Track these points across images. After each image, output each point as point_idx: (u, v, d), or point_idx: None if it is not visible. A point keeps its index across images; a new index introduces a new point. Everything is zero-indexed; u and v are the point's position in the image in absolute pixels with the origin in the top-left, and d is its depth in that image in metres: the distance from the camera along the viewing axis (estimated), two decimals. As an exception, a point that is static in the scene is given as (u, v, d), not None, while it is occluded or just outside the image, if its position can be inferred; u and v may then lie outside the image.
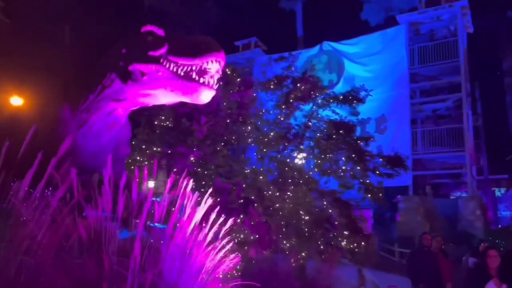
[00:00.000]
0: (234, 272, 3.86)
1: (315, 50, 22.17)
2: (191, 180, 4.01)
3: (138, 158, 8.17)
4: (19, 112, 6.47)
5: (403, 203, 16.86)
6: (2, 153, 3.95)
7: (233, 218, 4.04)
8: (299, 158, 7.90)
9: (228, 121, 7.52)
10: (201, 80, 4.55)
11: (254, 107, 8.00)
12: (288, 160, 7.72)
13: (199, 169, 7.06)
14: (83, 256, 3.65)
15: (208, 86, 4.56)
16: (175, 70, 4.60)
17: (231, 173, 7.79)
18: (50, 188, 4.00)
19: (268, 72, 9.17)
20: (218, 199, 5.35)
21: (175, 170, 6.59)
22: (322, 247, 6.85)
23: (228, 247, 3.87)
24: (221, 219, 3.91)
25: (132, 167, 7.81)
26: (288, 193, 7.05)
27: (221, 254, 3.82)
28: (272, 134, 7.85)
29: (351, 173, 7.58)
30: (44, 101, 6.04)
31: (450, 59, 19.14)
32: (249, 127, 7.79)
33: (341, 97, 8.66)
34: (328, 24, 31.61)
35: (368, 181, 7.54)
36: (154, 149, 8.21)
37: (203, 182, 6.93)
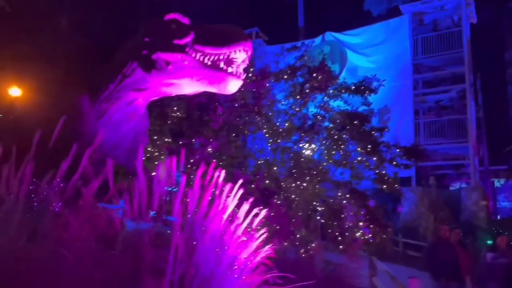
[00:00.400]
0: (269, 263, 3.82)
1: (317, 40, 22.00)
2: (223, 171, 3.95)
3: (149, 149, 8.09)
4: (34, 104, 6.36)
5: (406, 194, 16.89)
6: (33, 144, 3.89)
7: (266, 209, 4.00)
8: (312, 149, 7.85)
9: (243, 111, 7.45)
10: (229, 69, 4.47)
11: (267, 98, 7.92)
12: (303, 151, 7.67)
13: (214, 160, 7.00)
14: (119, 248, 3.60)
15: (236, 75, 4.48)
16: (201, 59, 4.51)
17: (244, 164, 7.75)
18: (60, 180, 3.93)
19: (274, 62, 9.04)
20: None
21: (192, 161, 6.53)
22: (340, 238, 6.86)
23: (261, 238, 3.83)
24: (255, 210, 3.86)
25: (143, 158, 7.72)
26: (304, 184, 7.02)
27: (254, 245, 3.78)
28: (287, 124, 7.79)
29: (367, 164, 7.55)
30: (60, 91, 5.92)
31: (454, 50, 19.08)
32: (263, 118, 7.72)
33: (353, 87, 8.59)
34: (330, 14, 31.42)
35: (384, 172, 7.54)
36: (166, 140, 8.12)
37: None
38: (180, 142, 7.99)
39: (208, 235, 3.73)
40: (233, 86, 4.53)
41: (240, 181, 4.14)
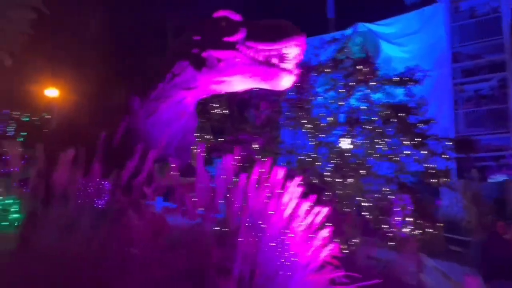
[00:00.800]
0: (333, 262, 3.75)
1: (348, 31, 21.59)
2: (282, 168, 3.91)
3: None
4: (83, 105, 6.47)
5: (446, 187, 16.34)
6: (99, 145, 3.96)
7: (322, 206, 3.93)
8: (355, 144, 7.67)
9: (285, 106, 7.38)
10: (282, 65, 4.40)
11: (309, 92, 7.79)
12: (346, 145, 7.52)
13: (257, 157, 6.96)
14: (181, 247, 3.61)
15: (289, 71, 4.41)
16: (253, 55, 4.46)
17: (287, 160, 7.68)
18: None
19: (313, 55, 8.85)
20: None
21: (237, 157, 6.49)
22: (389, 234, 6.71)
23: (323, 236, 3.76)
24: (317, 208, 3.80)
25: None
26: (351, 179, 6.89)
27: (317, 243, 3.72)
28: (331, 119, 7.64)
29: (415, 157, 7.33)
30: (109, 92, 5.99)
31: (493, 37, 18.36)
32: (305, 113, 7.60)
33: (396, 78, 8.35)
34: (361, 4, 30.72)
35: (435, 165, 7.30)
36: (207, 137, 8.15)
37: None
38: (220, 139, 8.01)
39: (270, 233, 3.70)
40: (286, 82, 4.46)
41: (299, 179, 4.09)
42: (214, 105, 8.23)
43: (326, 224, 3.97)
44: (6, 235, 4.86)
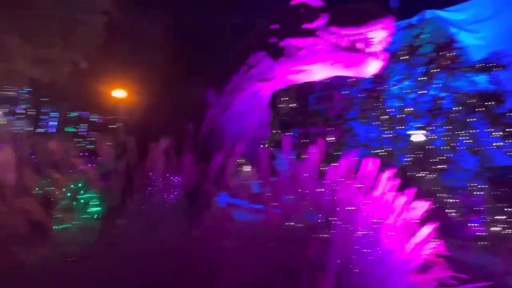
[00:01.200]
0: (438, 261, 3.43)
1: (415, 20, 20.49)
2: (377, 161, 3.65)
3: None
4: (161, 103, 6.54)
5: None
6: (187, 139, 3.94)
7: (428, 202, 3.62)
8: (437, 136, 7.12)
9: (359, 97, 7.02)
10: (368, 50, 4.11)
11: (386, 81, 7.33)
12: (427, 138, 7.00)
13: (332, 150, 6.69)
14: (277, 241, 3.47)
15: (376, 56, 4.11)
16: (336, 41, 4.21)
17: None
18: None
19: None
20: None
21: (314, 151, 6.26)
22: (481, 233, 6.15)
23: (423, 233, 3.45)
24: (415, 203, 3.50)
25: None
26: (434, 174, 6.40)
27: (417, 240, 3.42)
28: (411, 109, 7.15)
29: (506, 150, 6.66)
30: (186, 89, 5.98)
31: None
32: (382, 104, 7.19)
33: (479, 65, 7.68)
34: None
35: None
36: (274, 131, 7.99)
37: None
38: (289, 133, 7.82)
39: (362, 229, 3.45)
40: (372, 67, 4.17)
41: (390, 172, 3.81)
42: (282, 98, 8.05)
43: (423, 220, 3.66)
44: (87, 228, 4.99)
